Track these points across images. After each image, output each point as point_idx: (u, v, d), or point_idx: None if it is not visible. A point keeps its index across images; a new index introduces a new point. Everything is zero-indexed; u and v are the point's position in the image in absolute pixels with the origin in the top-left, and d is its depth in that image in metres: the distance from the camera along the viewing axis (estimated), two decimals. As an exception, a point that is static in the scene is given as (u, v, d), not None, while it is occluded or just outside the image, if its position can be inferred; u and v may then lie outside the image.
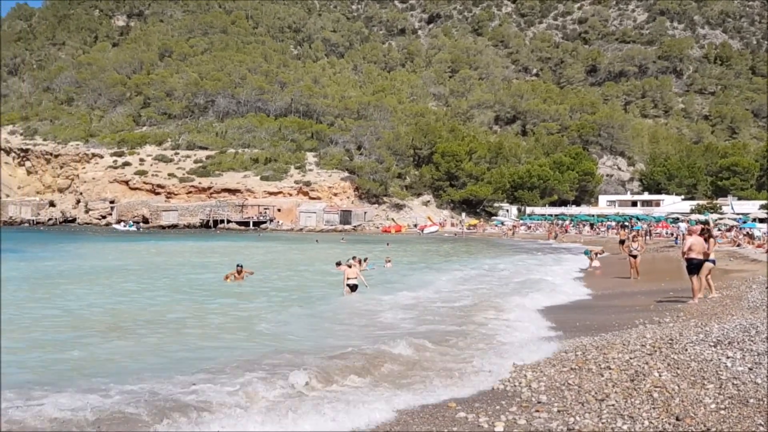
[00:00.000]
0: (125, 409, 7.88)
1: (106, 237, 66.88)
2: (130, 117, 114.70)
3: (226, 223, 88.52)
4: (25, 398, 8.44)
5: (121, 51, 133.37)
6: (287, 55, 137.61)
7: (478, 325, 14.13)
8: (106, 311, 17.09)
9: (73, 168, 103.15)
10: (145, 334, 13.74)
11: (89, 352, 12.04)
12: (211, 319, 15.79)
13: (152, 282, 24.66)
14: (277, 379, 9.19)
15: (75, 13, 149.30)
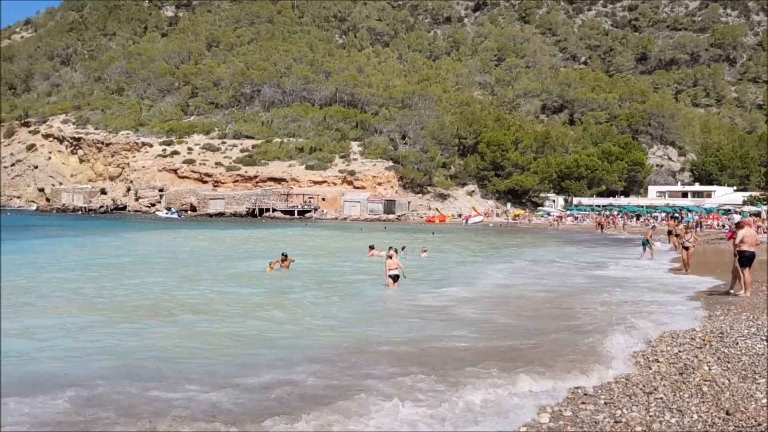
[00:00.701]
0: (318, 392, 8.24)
1: (154, 225, 68.10)
2: (179, 106, 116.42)
3: (271, 212, 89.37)
4: (170, 388, 8.68)
5: (169, 41, 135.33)
6: (332, 45, 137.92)
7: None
8: (174, 298, 17.38)
9: (124, 156, 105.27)
10: (240, 322, 14.01)
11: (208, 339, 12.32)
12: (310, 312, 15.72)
13: (220, 271, 24.97)
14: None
15: (125, 4, 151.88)
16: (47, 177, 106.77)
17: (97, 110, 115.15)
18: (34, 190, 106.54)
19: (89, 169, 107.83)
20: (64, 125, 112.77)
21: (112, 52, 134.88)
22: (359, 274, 23.59)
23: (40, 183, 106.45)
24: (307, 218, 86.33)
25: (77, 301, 16.79)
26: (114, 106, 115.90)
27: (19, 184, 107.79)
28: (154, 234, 50.11)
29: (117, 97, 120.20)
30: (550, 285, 20.64)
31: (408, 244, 33.10)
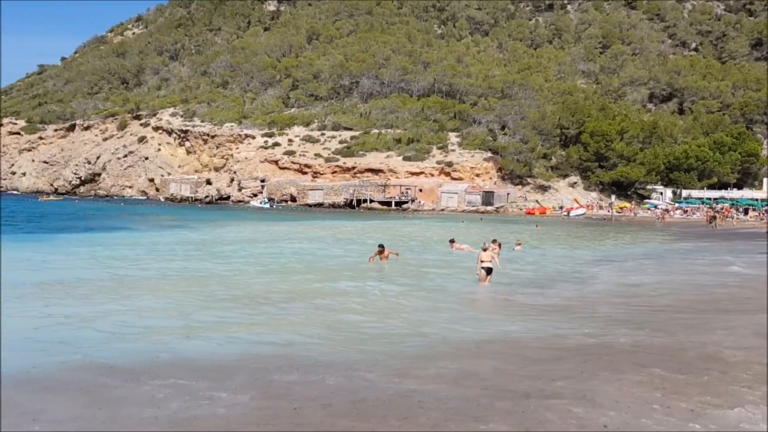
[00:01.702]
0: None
1: (261, 216, 69.63)
2: (280, 99, 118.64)
3: (368, 203, 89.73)
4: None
5: (271, 35, 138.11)
6: (431, 35, 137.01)
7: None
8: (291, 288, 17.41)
9: (228, 148, 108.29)
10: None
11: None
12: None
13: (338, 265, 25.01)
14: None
15: (230, 0, 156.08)
16: (157, 168, 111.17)
17: (203, 103, 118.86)
18: (144, 181, 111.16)
19: (195, 160, 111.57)
20: (173, 118, 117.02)
21: (218, 47, 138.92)
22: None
23: (150, 173, 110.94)
24: (405, 209, 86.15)
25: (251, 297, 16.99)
26: (219, 99, 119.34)
27: (131, 175, 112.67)
28: (281, 225, 51.02)
29: (222, 91, 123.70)
30: (682, 282, 19.46)
31: (507, 237, 32.24)
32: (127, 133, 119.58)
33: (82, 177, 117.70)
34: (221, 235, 37.41)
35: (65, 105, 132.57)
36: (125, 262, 23.47)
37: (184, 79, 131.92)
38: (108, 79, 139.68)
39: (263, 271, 21.65)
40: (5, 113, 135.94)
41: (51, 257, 25.02)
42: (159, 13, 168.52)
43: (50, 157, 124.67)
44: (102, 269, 21.37)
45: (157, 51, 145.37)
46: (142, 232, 39.25)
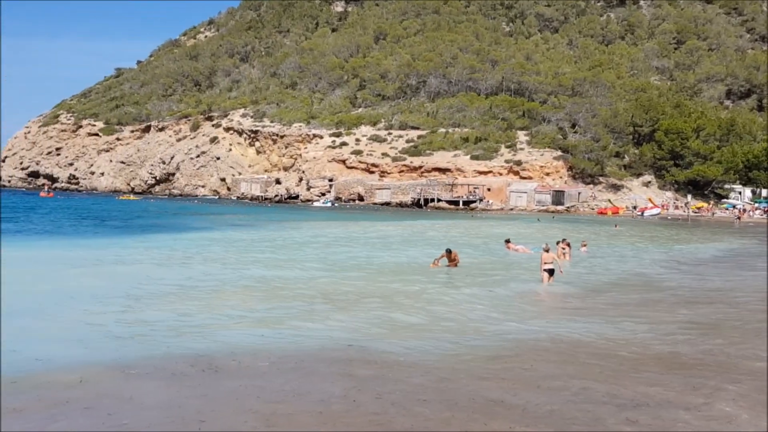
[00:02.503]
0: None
1: (331, 215, 70.25)
2: (347, 99, 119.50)
3: (436, 202, 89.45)
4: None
5: (339, 36, 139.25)
6: (499, 33, 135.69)
7: None
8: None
9: (296, 148, 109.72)
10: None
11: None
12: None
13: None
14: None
15: (298, 2, 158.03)
16: (228, 167, 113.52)
17: (272, 104, 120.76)
18: (216, 180, 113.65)
19: (265, 160, 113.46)
20: (243, 119, 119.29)
21: (287, 49, 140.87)
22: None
23: (222, 173, 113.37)
24: (473, 209, 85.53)
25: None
26: (288, 100, 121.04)
27: (203, 174, 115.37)
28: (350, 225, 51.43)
29: (290, 91, 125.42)
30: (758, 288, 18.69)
31: (583, 237, 31.60)
32: (200, 133, 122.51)
33: (157, 177, 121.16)
34: (298, 235, 37.89)
35: (141, 107, 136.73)
36: (219, 263, 24.00)
37: (254, 80, 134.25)
38: (181, 81, 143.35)
39: (334, 270, 21.79)
40: (85, 115, 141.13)
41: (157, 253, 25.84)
42: (230, 16, 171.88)
43: (127, 157, 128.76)
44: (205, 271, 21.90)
45: (229, 53, 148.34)
46: (235, 231, 40.04)
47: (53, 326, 12.29)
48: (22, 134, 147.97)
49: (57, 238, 33.41)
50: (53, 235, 34.85)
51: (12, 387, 8.45)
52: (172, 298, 15.53)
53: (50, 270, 19.84)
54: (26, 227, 39.44)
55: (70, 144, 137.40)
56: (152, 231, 38.54)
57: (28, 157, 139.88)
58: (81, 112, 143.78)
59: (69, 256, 24.28)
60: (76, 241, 30.89)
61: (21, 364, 9.58)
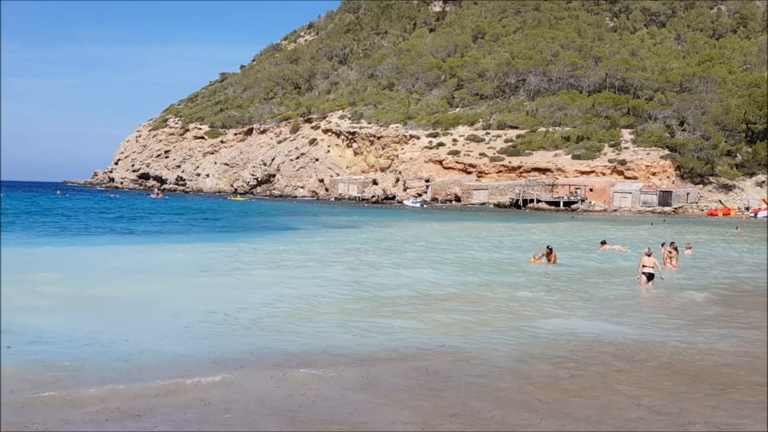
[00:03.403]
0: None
1: (429, 216, 69.83)
2: (444, 99, 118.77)
3: (535, 203, 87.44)
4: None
5: (437, 36, 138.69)
6: (602, 29, 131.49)
7: None
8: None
9: (393, 149, 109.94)
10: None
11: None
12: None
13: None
14: None
15: (396, 3, 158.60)
16: (326, 168, 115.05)
17: (369, 105, 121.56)
18: (315, 181, 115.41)
19: (362, 161, 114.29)
20: (341, 120, 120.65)
21: (384, 50, 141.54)
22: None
23: (320, 174, 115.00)
24: (574, 210, 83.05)
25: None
26: (385, 101, 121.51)
27: (303, 176, 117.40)
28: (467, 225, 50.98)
29: (388, 92, 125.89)
30: None
31: (691, 240, 29.77)
32: (299, 135, 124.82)
33: (258, 178, 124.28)
34: (400, 235, 37.67)
35: (244, 110, 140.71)
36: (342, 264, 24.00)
37: (352, 82, 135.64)
38: (282, 84, 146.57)
39: (439, 271, 21.27)
40: (191, 119, 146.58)
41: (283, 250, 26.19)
42: (329, 19, 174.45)
43: (230, 159, 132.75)
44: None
45: (327, 56, 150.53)
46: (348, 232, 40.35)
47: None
48: (133, 138, 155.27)
49: (201, 237, 34.28)
50: (194, 235, 35.84)
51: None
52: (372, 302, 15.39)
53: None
54: (165, 228, 40.39)
55: (177, 147, 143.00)
56: (289, 232, 38.86)
57: (139, 160, 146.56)
58: (188, 116, 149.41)
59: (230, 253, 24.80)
60: (225, 240, 31.57)
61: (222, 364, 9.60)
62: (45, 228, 37.20)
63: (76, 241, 29.71)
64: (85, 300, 14.49)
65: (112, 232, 36.56)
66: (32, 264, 20.25)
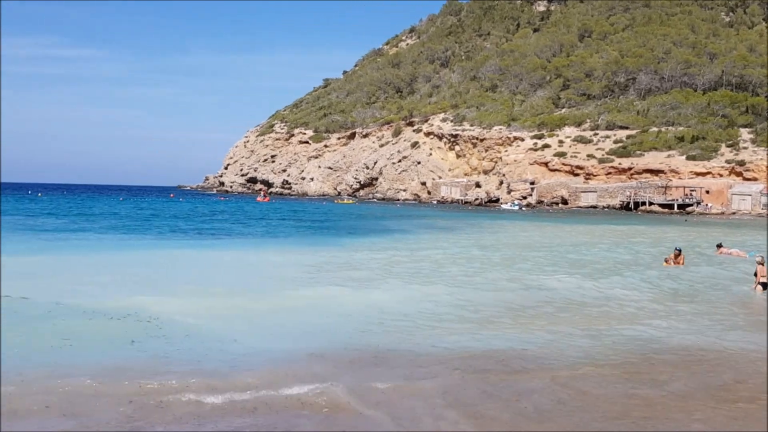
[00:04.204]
0: None
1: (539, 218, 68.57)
2: (550, 100, 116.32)
3: (647, 205, 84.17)
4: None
5: (541, 36, 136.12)
6: (717, 24, 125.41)
7: None
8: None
9: (497, 151, 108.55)
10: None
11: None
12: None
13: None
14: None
15: (499, 4, 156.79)
16: (428, 171, 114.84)
17: (472, 107, 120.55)
18: (417, 184, 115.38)
19: (465, 164, 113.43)
20: (443, 123, 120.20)
21: (487, 51, 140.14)
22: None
23: (422, 177, 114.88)
24: (689, 212, 79.38)
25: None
26: (488, 103, 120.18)
27: (405, 179, 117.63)
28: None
29: (490, 94, 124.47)
30: None
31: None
32: (401, 139, 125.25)
33: (361, 181, 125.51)
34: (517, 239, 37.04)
35: (346, 115, 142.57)
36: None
37: (454, 84, 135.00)
38: (384, 88, 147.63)
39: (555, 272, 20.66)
40: (296, 124, 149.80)
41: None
42: (431, 23, 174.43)
43: (334, 163, 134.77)
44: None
45: (429, 59, 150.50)
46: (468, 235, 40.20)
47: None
48: (242, 143, 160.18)
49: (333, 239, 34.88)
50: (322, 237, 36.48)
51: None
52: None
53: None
54: (296, 231, 40.94)
55: (283, 152, 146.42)
56: (412, 235, 38.88)
57: (247, 165, 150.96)
58: (293, 121, 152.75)
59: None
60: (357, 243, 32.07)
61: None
62: (181, 230, 39.20)
63: (213, 244, 30.74)
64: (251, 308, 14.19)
65: (231, 233, 37.63)
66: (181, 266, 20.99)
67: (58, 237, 31.65)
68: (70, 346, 10.05)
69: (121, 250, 25.85)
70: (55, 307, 12.69)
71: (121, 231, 36.71)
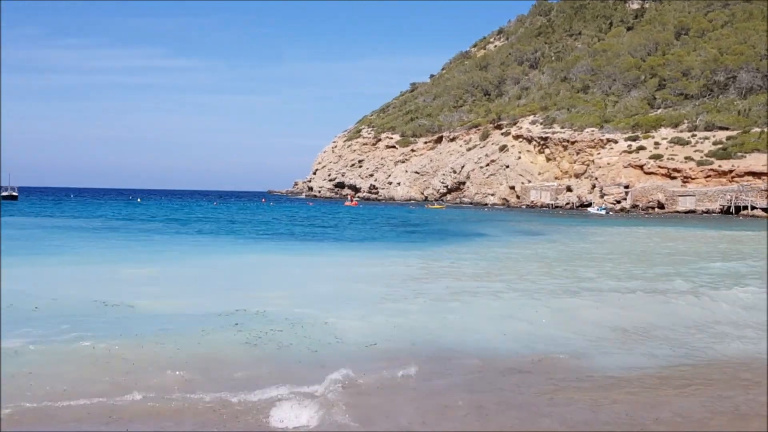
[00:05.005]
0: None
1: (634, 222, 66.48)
2: (645, 100, 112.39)
3: (749, 210, 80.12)
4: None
5: (635, 34, 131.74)
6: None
7: None
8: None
9: (588, 154, 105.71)
10: None
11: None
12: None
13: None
14: None
15: (590, 3, 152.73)
16: (517, 175, 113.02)
17: (562, 109, 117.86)
18: (505, 188, 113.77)
19: (555, 167, 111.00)
20: (532, 126, 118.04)
21: (578, 52, 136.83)
22: None
23: (511, 181, 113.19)
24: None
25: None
26: (579, 105, 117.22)
27: (493, 183, 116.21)
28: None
29: (582, 95, 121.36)
30: None
31: None
32: (489, 142, 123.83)
33: (448, 185, 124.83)
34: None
35: (433, 119, 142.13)
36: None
37: (543, 86, 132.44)
38: (471, 91, 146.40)
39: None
40: (383, 129, 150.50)
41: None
42: (519, 24, 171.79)
43: (420, 167, 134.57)
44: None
45: (518, 61, 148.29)
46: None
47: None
48: (329, 149, 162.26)
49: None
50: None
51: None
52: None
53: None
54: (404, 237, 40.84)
55: (370, 156, 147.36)
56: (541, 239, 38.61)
57: (335, 170, 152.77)
58: (380, 126, 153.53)
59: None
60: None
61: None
62: (298, 234, 40.25)
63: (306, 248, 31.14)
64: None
65: (327, 237, 37.98)
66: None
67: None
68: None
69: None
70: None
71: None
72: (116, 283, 17.18)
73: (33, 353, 9.34)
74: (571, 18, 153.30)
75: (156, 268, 20.79)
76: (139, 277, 18.81)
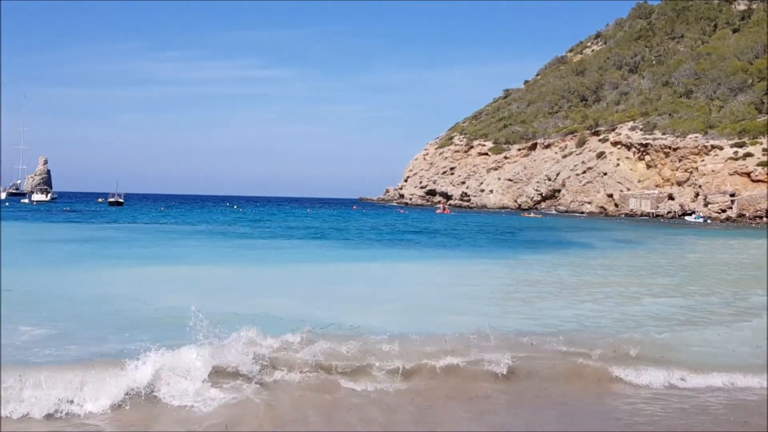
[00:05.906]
0: None
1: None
2: (752, 105, 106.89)
3: None
4: None
5: (741, 36, 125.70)
6: None
7: None
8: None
9: (692, 161, 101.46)
10: None
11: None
12: None
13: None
14: None
15: (694, 4, 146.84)
16: (615, 183, 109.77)
17: (664, 115, 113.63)
18: (603, 196, 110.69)
19: (656, 175, 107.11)
20: (632, 132, 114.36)
21: (680, 55, 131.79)
22: None
23: (609, 189, 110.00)
24: None
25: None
26: (681, 110, 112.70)
27: (590, 191, 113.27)
28: None
29: (685, 100, 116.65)
30: None
31: None
32: (586, 149, 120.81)
33: (543, 193, 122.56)
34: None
35: (527, 125, 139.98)
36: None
37: (643, 91, 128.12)
38: (567, 97, 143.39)
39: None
40: (475, 136, 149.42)
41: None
42: (618, 27, 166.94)
43: (514, 175, 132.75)
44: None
45: (616, 65, 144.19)
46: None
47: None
48: (421, 156, 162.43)
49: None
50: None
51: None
52: None
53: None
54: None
55: (462, 164, 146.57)
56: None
57: (426, 177, 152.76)
58: (472, 133, 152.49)
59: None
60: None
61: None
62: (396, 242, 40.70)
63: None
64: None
65: (437, 245, 38.02)
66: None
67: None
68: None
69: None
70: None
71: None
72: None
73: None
74: (673, 20, 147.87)
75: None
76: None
